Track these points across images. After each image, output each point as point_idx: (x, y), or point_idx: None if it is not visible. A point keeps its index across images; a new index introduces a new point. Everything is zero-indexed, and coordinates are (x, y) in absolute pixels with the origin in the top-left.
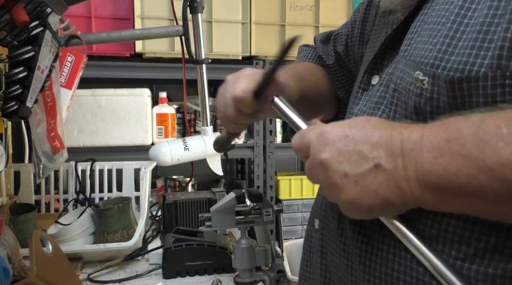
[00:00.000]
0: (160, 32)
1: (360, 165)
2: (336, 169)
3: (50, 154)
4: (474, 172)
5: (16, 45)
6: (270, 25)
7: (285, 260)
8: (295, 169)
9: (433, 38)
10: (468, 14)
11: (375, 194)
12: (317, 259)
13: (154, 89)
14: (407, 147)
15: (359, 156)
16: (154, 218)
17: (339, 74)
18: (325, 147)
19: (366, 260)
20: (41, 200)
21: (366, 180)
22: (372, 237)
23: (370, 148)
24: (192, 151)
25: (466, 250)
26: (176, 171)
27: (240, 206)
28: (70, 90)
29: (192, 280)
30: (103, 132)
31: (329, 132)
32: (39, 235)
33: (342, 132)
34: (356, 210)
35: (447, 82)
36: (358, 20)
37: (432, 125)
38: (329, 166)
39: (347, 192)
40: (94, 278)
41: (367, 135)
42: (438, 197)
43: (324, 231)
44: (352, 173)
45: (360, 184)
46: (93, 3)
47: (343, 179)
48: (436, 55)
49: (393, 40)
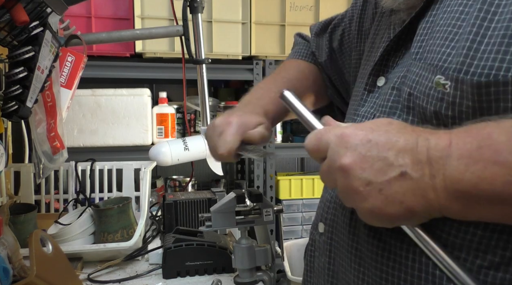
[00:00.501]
0: (160, 32)
1: (384, 172)
2: (359, 176)
3: (50, 154)
4: (511, 180)
5: (16, 45)
6: (270, 25)
7: (285, 260)
8: (295, 169)
9: (451, 41)
10: (492, 17)
11: (400, 203)
12: (323, 264)
13: (154, 89)
14: (435, 155)
15: (383, 163)
16: (154, 218)
17: (329, 72)
18: (347, 152)
19: (383, 265)
20: (41, 200)
21: (391, 189)
22: (389, 243)
23: (395, 154)
24: (192, 151)
25: (491, 259)
26: (176, 171)
27: (240, 206)
28: (70, 90)
29: (192, 280)
30: (103, 132)
31: (351, 135)
32: (39, 235)
33: (365, 136)
34: (379, 218)
35: (474, 86)
36: (356, 15)
37: (459, 131)
38: (351, 172)
39: (370, 201)
40: (94, 278)
41: (391, 141)
42: (467, 206)
43: (333, 235)
44: (376, 181)
45: (384, 193)
46: (93, 3)
47: (366, 187)
48: (459, 60)
49: (397, 41)
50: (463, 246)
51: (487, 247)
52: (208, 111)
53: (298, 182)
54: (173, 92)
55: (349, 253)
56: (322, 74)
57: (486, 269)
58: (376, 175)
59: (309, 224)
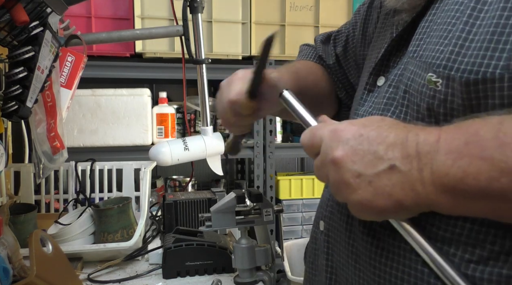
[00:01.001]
0: (160, 32)
1: (374, 165)
2: (350, 168)
3: (50, 154)
4: (495, 175)
5: (16, 45)
6: (270, 25)
7: (285, 260)
8: (295, 169)
9: (444, 39)
10: (479, 15)
11: (388, 195)
12: (322, 261)
13: (154, 89)
14: (424, 149)
15: (373, 156)
16: (154, 218)
17: (339, 75)
18: (338, 145)
19: (376, 262)
20: (41, 200)
21: (380, 181)
22: (382, 240)
23: (385, 148)
24: (192, 151)
25: (480, 253)
26: (176, 171)
27: (240, 206)
28: (70, 90)
29: (192, 280)
30: (103, 132)
31: (343, 130)
32: (39, 235)
33: (357, 130)
34: (367, 211)
35: (462, 84)
36: (360, 22)
37: (448, 127)
38: (342, 164)
39: (359, 193)
40: (94, 278)
41: (382, 135)
42: (454, 201)
43: (330, 232)
44: (366, 173)
45: (373, 185)
46: (93, 3)
47: (356, 179)
48: (448, 57)
49: (399, 41)
50: (452, 240)
51: (476, 241)
52: (208, 111)
53: (298, 182)
54: (173, 92)
55: (346, 250)
56: (331, 76)
57: (475, 264)
58: (366, 167)
59: (309, 224)
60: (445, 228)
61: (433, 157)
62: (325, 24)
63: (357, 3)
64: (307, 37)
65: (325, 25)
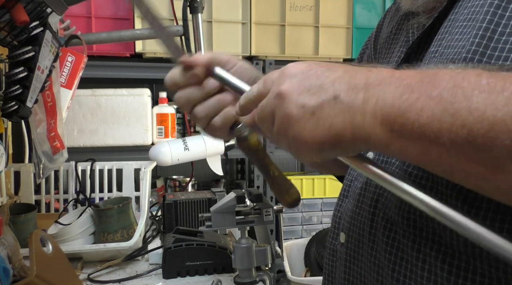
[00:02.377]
0: None
1: (318, 96)
2: (295, 100)
3: (50, 154)
4: (438, 114)
5: (16, 45)
6: (270, 25)
7: (285, 260)
8: (295, 169)
9: (466, 35)
10: (503, 13)
11: (328, 127)
12: (341, 274)
13: (154, 89)
14: (374, 82)
15: (319, 88)
16: (154, 218)
17: None
18: (286, 80)
19: (399, 275)
20: (41, 200)
21: (323, 112)
22: (406, 252)
23: (332, 80)
24: (192, 151)
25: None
26: (176, 171)
27: (240, 206)
28: (70, 90)
29: (192, 280)
30: (103, 132)
31: (292, 67)
32: (39, 235)
33: (307, 66)
34: (307, 146)
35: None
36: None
37: (408, 68)
38: (287, 97)
39: (301, 124)
40: (94, 278)
41: (331, 70)
42: (391, 137)
43: (350, 244)
44: (309, 103)
45: (316, 116)
46: (93, 3)
47: (300, 109)
48: (469, 49)
49: (418, 44)
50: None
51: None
52: None
53: (298, 182)
54: (173, 92)
55: (369, 262)
56: None
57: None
58: (310, 98)
59: (309, 224)
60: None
61: (383, 89)
62: (325, 24)
63: (357, 3)
64: (307, 37)
65: (325, 25)
